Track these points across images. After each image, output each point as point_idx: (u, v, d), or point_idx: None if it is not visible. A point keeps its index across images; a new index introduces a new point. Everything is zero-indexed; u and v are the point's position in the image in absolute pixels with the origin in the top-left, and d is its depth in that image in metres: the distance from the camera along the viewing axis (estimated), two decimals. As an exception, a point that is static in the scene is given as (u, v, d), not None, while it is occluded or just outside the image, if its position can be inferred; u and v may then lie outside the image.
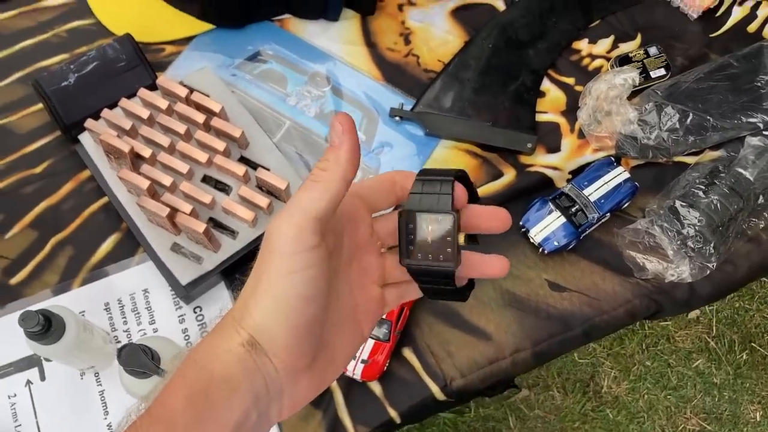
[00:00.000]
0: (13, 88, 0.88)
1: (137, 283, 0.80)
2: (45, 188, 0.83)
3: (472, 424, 1.52)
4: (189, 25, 0.91)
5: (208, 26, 0.91)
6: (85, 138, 0.80)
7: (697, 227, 0.76)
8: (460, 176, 0.37)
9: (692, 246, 0.77)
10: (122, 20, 0.91)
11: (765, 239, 0.81)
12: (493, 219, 0.38)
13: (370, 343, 0.75)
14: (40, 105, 0.86)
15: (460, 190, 0.37)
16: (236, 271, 0.79)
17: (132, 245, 0.80)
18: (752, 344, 1.62)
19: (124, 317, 0.79)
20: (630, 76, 0.81)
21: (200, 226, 0.72)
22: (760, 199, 0.80)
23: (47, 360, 0.76)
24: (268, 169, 0.78)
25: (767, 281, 1.67)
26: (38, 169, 0.84)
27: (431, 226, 0.36)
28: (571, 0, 0.92)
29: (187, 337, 0.78)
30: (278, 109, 0.87)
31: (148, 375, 0.64)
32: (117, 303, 0.79)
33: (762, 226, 0.81)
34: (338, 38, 0.91)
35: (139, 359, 0.62)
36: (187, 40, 0.91)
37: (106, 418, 0.75)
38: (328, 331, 0.37)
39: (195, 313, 0.79)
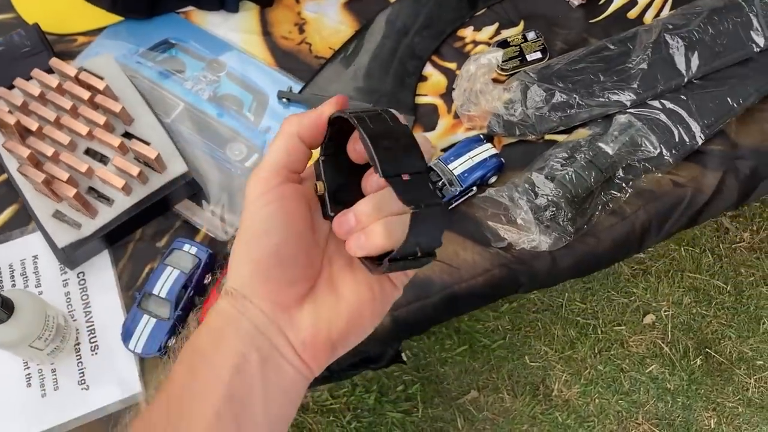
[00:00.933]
0: (-66, 74, 0.95)
1: (28, 250, 0.85)
2: (-47, 164, 0.90)
3: (420, 424, 1.53)
4: (99, 17, 0.97)
5: (117, 18, 0.97)
6: (-15, 116, 0.87)
7: (549, 197, 0.79)
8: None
9: (548, 216, 0.79)
10: (39, 13, 0.97)
11: (629, 212, 0.83)
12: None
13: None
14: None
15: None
16: (119, 239, 0.84)
17: (26, 215, 0.86)
18: (708, 350, 1.61)
19: (14, 281, 0.84)
20: (493, 56, 0.85)
21: (71, 191, 0.78)
22: (620, 172, 0.82)
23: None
24: (148, 143, 0.83)
25: (725, 288, 1.66)
26: (-51, 147, 0.91)
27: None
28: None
29: (68, 300, 0.82)
30: (175, 92, 0.93)
31: (1, 321, 0.69)
32: (8, 268, 0.84)
33: (624, 199, 0.83)
34: (237, 28, 0.97)
35: (-17, 302, 0.66)
36: (98, 31, 0.97)
37: (-15, 373, 0.80)
38: (312, 264, 0.39)
39: (78, 278, 0.84)
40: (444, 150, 0.87)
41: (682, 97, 0.86)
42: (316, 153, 0.40)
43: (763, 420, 1.54)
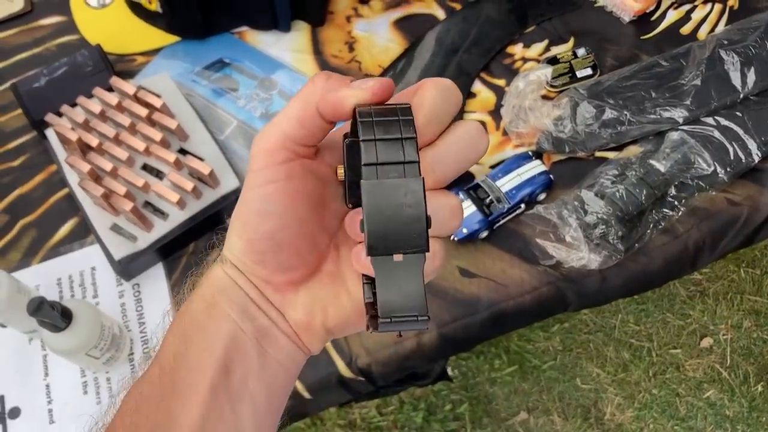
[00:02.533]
0: (4, 94, 1.00)
1: (87, 262, 0.88)
2: (20, 179, 0.94)
3: (468, 444, 1.52)
4: (157, 38, 1.01)
5: (174, 39, 1.00)
6: (50, 133, 0.90)
7: (599, 215, 0.78)
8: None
9: (597, 234, 0.78)
10: (101, 35, 1.02)
11: (681, 231, 0.81)
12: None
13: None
14: (22, 107, 0.97)
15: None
16: (173, 252, 0.87)
17: (86, 228, 0.89)
18: (769, 376, 1.55)
19: (72, 291, 0.87)
20: (543, 72, 0.84)
21: (128, 205, 0.80)
22: (672, 191, 0.81)
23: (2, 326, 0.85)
24: (202, 159, 0.86)
25: (788, 312, 1.60)
26: (16, 163, 0.95)
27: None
28: (506, 8, 0.97)
29: (123, 311, 0.85)
30: (228, 109, 0.95)
31: (60, 329, 0.71)
32: (68, 279, 0.87)
33: (676, 218, 0.81)
34: (289, 47, 0.99)
35: (44, 311, 0.69)
36: (156, 51, 1.01)
37: (45, 379, 0.82)
38: (314, 251, 0.36)
39: (133, 289, 0.86)
40: (492, 167, 0.87)
41: (738, 113, 0.84)
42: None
43: (829, 451, 1.48)
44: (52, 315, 0.69)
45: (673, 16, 0.95)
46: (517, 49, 0.95)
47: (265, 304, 0.35)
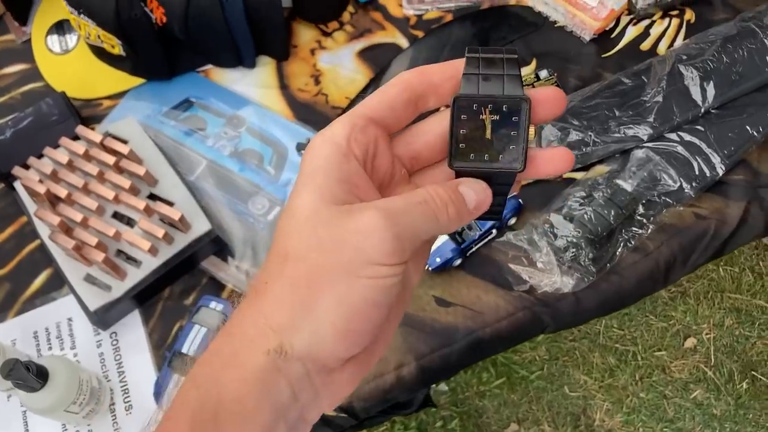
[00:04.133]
0: (-29, 145, 1.00)
1: (63, 313, 0.88)
2: (-10, 232, 0.93)
3: (461, 459, 1.52)
4: (123, 80, 1.00)
5: (140, 80, 1.00)
6: (18, 185, 0.90)
7: (568, 239, 0.78)
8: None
9: (568, 257, 0.79)
10: (66, 81, 1.01)
11: (652, 248, 0.82)
12: (553, 157, 0.34)
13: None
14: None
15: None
16: (148, 298, 0.86)
17: (61, 279, 0.88)
18: (753, 373, 1.56)
19: (50, 344, 0.86)
20: (506, 98, 0.85)
21: (100, 256, 0.80)
22: (640, 209, 0.81)
23: (-21, 384, 0.84)
24: (172, 204, 0.86)
25: (766, 307, 1.62)
26: (-14, 215, 0.95)
27: (494, 117, 0.31)
28: (469, 34, 0.97)
29: (102, 361, 0.85)
30: (197, 149, 0.95)
31: (35, 389, 0.71)
32: (44, 331, 0.87)
33: (646, 235, 0.82)
34: (255, 83, 0.99)
35: (18, 373, 0.69)
36: (122, 94, 1.00)
37: (25, 436, 0.82)
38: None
39: (111, 338, 0.86)
40: (462, 194, 0.88)
41: (700, 128, 0.85)
42: None
43: (817, 443, 1.49)
44: (27, 376, 0.69)
45: (632, 32, 0.96)
46: (480, 74, 0.96)
47: (307, 394, 0.31)
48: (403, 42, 0.99)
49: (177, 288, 0.87)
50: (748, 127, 0.84)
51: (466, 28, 0.99)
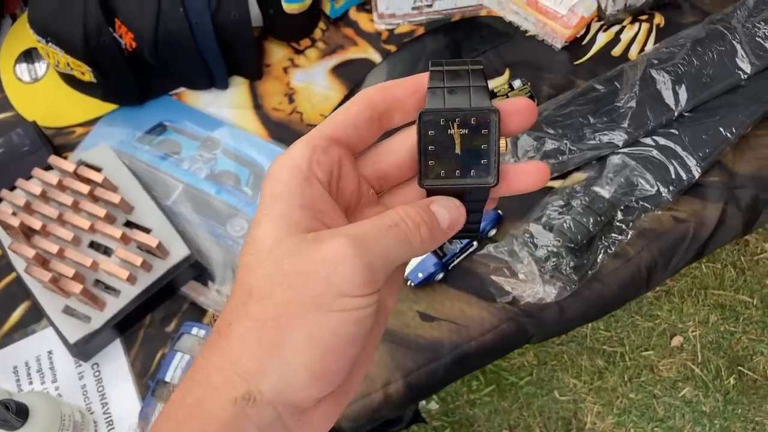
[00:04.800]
0: (-58, 179, 0.98)
1: (42, 346, 0.86)
2: (-35, 266, 0.92)
3: (453, 469, 1.52)
4: (95, 107, 0.99)
5: (112, 106, 0.99)
6: (-9, 218, 0.89)
7: (549, 248, 0.78)
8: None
9: (550, 266, 0.79)
10: (37, 109, 1.00)
11: (632, 254, 0.83)
12: (528, 172, 0.33)
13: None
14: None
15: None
16: (129, 327, 0.85)
17: (38, 312, 0.87)
18: (740, 368, 1.57)
19: (30, 378, 0.85)
20: (480, 110, 0.85)
21: (78, 287, 0.79)
22: (619, 215, 0.82)
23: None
24: (149, 230, 0.85)
25: (752, 302, 1.63)
26: (-40, 250, 0.93)
27: (463, 131, 0.30)
28: (441, 46, 0.98)
29: (85, 393, 0.83)
30: (173, 173, 0.94)
31: (16, 427, 0.70)
32: (24, 366, 0.85)
33: (626, 241, 0.82)
34: (229, 104, 0.98)
35: (-3, 412, 0.67)
36: (94, 121, 0.99)
37: (8, 474, 0.80)
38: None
39: (93, 369, 0.85)
40: (441, 207, 0.87)
41: (674, 131, 0.85)
42: None
43: (806, 435, 1.50)
44: (6, 415, 0.68)
45: (603, 38, 0.96)
46: (454, 86, 0.96)
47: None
48: (376, 57, 0.99)
49: (158, 315, 0.86)
50: (721, 129, 0.85)
51: (439, 40, 0.99)
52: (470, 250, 0.84)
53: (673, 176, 0.83)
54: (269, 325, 0.29)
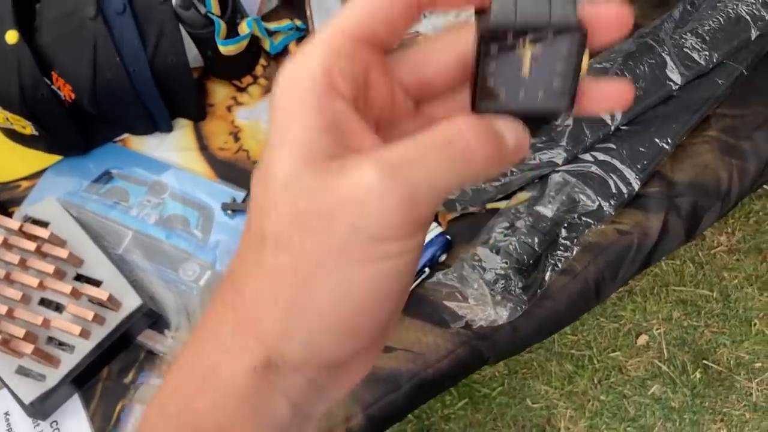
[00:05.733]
0: None
1: (-1, 408, 0.85)
2: None
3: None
4: (40, 159, 0.99)
5: (57, 157, 0.99)
6: (-62, 281, 0.88)
7: (497, 271, 0.79)
8: None
9: (499, 288, 0.80)
10: (-21, 166, 0.99)
11: (579, 269, 0.84)
12: (612, 95, 0.26)
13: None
14: None
15: None
16: (86, 381, 0.84)
17: (-7, 372, 0.86)
18: (705, 361, 1.60)
19: (-12, 442, 0.84)
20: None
21: (29, 348, 0.78)
22: (563, 232, 0.83)
23: None
24: (100, 282, 0.84)
25: (712, 296, 1.66)
26: None
27: (535, 51, 0.23)
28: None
29: (45, 452, 0.83)
30: (122, 221, 0.94)
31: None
32: (-19, 430, 0.85)
33: (572, 257, 0.83)
34: (174, 147, 0.98)
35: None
36: (40, 173, 0.99)
37: None
38: None
39: (52, 427, 0.84)
40: (391, 237, 0.88)
41: (612, 146, 0.87)
42: None
43: (773, 423, 1.54)
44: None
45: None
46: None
47: (308, 401, 0.26)
48: (318, 90, 1.00)
49: (115, 367, 0.86)
50: (657, 140, 0.87)
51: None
52: (422, 276, 0.85)
53: (614, 190, 0.85)
54: (287, 281, 0.24)
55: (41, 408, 0.81)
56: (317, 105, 0.24)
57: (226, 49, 0.91)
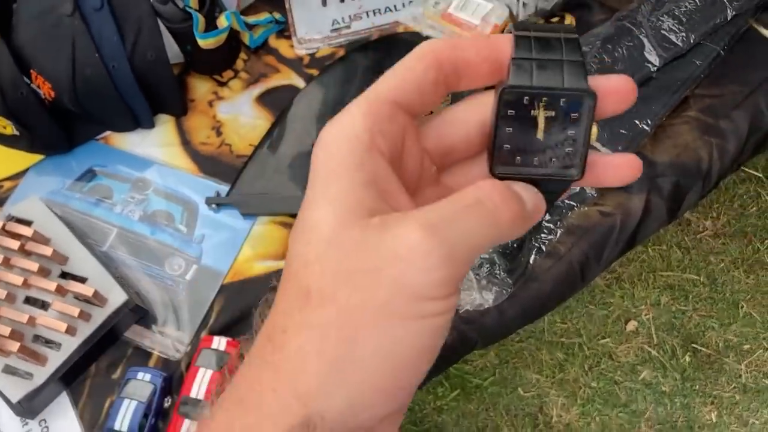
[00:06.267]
0: None
1: (-14, 408, 0.85)
2: None
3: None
4: (22, 159, 0.98)
5: (39, 157, 0.98)
6: None
7: (481, 256, 0.80)
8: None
9: (484, 273, 0.80)
10: (-39, 167, 0.99)
11: (563, 252, 0.84)
12: (619, 166, 0.28)
13: (194, 425, 0.79)
14: None
15: None
16: (74, 379, 0.84)
17: (-20, 373, 0.85)
18: (694, 345, 1.61)
19: (-24, 443, 0.83)
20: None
21: (15, 345, 0.78)
22: (546, 216, 0.83)
23: None
24: (85, 279, 0.84)
25: (699, 280, 1.68)
26: None
27: (549, 113, 0.26)
28: (364, 66, 0.99)
29: (34, 451, 0.82)
30: (106, 218, 0.94)
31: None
32: (-31, 431, 0.84)
33: (555, 239, 0.84)
34: (156, 143, 0.98)
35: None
36: (23, 173, 0.98)
37: None
38: None
39: (41, 426, 0.83)
40: (375, 225, 0.88)
41: (593, 128, 0.88)
42: None
43: (763, 404, 1.55)
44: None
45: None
46: (379, 104, 0.97)
47: None
48: (300, 82, 1.00)
49: (103, 363, 0.85)
50: (637, 122, 0.88)
51: (361, 59, 1.01)
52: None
53: (595, 172, 0.85)
54: (332, 336, 0.24)
55: (29, 406, 0.81)
56: (359, 161, 0.25)
57: (205, 42, 0.91)
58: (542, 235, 0.83)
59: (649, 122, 0.88)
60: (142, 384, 0.80)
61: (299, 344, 0.25)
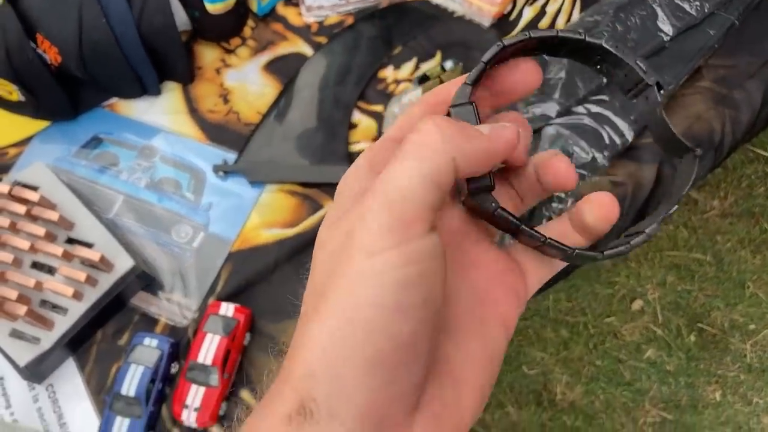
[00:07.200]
0: None
1: (-7, 373, 0.85)
2: None
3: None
4: (27, 125, 0.97)
5: (45, 123, 0.98)
6: (-72, 247, 0.87)
7: (491, 223, 0.79)
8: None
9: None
10: (-34, 134, 0.98)
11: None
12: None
13: (201, 390, 0.78)
14: None
15: None
16: (81, 344, 0.84)
17: (-14, 338, 0.85)
18: (699, 325, 1.61)
19: (-17, 407, 0.83)
20: (413, 93, 0.86)
21: (23, 309, 0.78)
22: (557, 185, 0.83)
23: None
24: (92, 245, 0.84)
25: (705, 259, 1.67)
26: None
27: None
28: (372, 34, 0.98)
29: (41, 415, 0.82)
30: (112, 186, 0.93)
31: (-31, 456, 0.68)
32: (-24, 395, 0.84)
33: (567, 209, 0.83)
34: (163, 110, 0.97)
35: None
36: (28, 140, 0.98)
37: (-30, 506, 0.79)
38: (442, 356, 0.26)
39: (48, 390, 0.83)
40: (384, 194, 0.88)
41: (605, 97, 0.87)
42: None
43: (767, 384, 1.54)
44: (-43, 444, 0.66)
45: (529, 13, 0.97)
46: (388, 72, 0.96)
47: None
48: (308, 50, 0.99)
49: (109, 329, 0.85)
50: (649, 91, 0.86)
51: (372, 27, 1.00)
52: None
53: (607, 141, 0.84)
54: (308, 316, 0.24)
55: (36, 371, 0.81)
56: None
57: (214, 7, 0.90)
58: (553, 205, 0.82)
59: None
60: (149, 349, 0.80)
61: (295, 334, 0.25)
